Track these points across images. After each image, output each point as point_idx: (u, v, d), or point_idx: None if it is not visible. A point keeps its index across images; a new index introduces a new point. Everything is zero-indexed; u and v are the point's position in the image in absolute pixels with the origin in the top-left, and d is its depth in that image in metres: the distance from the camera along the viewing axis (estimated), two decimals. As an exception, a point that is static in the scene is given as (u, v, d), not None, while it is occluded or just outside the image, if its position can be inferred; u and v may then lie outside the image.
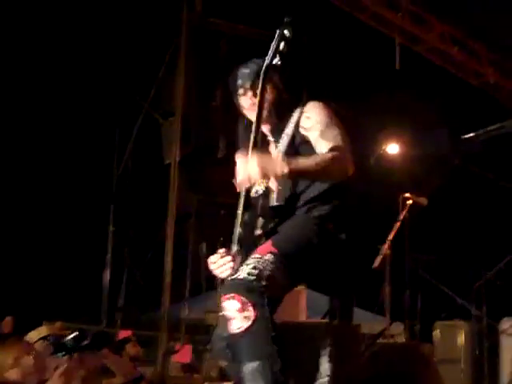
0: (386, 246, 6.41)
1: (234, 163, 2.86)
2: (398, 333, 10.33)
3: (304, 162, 2.59)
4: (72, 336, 3.38)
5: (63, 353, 3.37)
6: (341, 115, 2.80)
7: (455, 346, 8.98)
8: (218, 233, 2.86)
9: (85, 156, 10.57)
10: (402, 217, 6.48)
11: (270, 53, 2.58)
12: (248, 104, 2.83)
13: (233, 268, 2.67)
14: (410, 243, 7.98)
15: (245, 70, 2.86)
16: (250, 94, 2.81)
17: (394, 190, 6.84)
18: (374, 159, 7.91)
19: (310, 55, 7.50)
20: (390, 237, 6.41)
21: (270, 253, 2.50)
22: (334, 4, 7.10)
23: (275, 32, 2.57)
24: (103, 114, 9.95)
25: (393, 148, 8.76)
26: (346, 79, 7.42)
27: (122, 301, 9.27)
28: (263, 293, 2.40)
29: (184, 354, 8.19)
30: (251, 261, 2.49)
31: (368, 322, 9.58)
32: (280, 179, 2.68)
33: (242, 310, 2.37)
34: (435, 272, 9.99)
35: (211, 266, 2.76)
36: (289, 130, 2.79)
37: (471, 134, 10.67)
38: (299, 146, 2.75)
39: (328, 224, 2.70)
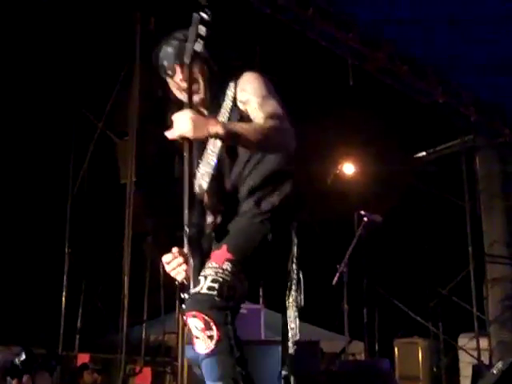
0: (342, 264, 6.43)
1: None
2: (358, 351, 10.39)
3: (241, 125, 2.49)
4: (21, 359, 3.35)
5: (12, 376, 3.35)
6: (274, 84, 2.73)
7: (414, 363, 9.05)
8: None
9: (39, 177, 10.44)
10: (357, 234, 6.53)
11: (191, 38, 2.47)
12: (179, 85, 2.74)
13: (186, 270, 2.58)
14: (366, 260, 8.03)
15: (168, 49, 2.74)
16: (179, 75, 2.71)
17: (350, 210, 6.87)
18: (330, 179, 7.95)
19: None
20: (347, 255, 6.44)
21: (227, 260, 2.45)
22: (284, 22, 7.13)
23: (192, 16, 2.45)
24: (57, 134, 9.84)
25: (348, 167, 8.83)
26: (298, 98, 7.44)
27: (79, 323, 9.11)
28: (226, 308, 2.37)
29: (144, 377, 8.08)
30: (209, 271, 2.44)
31: (328, 341, 9.61)
32: (223, 164, 2.64)
33: (205, 328, 2.33)
34: (392, 289, 10.05)
35: (166, 267, 2.67)
36: (226, 104, 2.70)
37: (423, 153, 10.83)
38: (238, 121, 2.63)
39: (279, 215, 2.65)
